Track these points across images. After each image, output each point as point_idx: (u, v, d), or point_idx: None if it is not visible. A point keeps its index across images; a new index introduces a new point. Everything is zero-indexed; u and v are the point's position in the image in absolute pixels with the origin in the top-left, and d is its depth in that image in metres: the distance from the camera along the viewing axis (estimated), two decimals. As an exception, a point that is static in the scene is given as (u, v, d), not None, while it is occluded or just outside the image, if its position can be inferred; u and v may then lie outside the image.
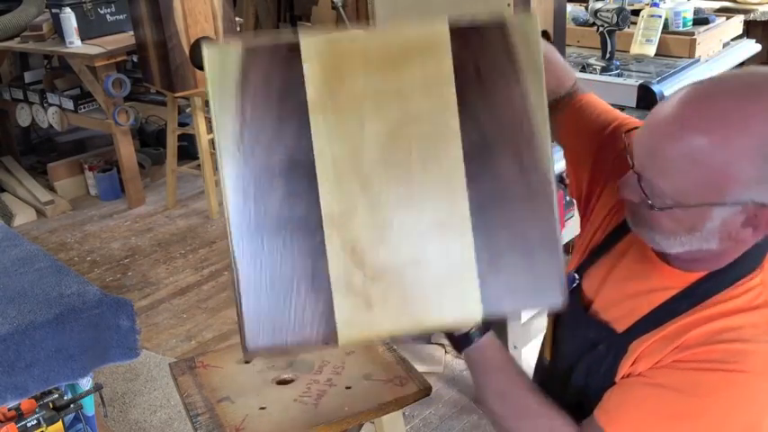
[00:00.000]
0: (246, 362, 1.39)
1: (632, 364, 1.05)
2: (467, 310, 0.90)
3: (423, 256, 0.89)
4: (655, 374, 1.01)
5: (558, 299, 0.93)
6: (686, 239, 0.97)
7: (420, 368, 2.67)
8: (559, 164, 2.14)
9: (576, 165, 1.29)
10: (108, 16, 4.03)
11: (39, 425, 1.65)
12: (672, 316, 1.02)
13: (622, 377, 1.06)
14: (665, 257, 1.06)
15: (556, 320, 1.25)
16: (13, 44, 4.12)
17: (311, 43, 0.88)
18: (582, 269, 1.20)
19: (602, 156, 1.21)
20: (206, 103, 3.81)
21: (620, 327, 1.08)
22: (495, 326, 1.08)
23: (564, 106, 1.28)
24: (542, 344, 1.30)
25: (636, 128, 1.02)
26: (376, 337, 0.92)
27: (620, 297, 1.11)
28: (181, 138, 4.16)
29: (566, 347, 1.20)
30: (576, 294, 1.19)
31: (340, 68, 0.88)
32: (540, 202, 0.92)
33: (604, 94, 2.62)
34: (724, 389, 0.96)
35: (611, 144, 1.19)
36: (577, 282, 1.19)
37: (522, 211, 0.91)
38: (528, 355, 2.31)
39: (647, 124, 0.97)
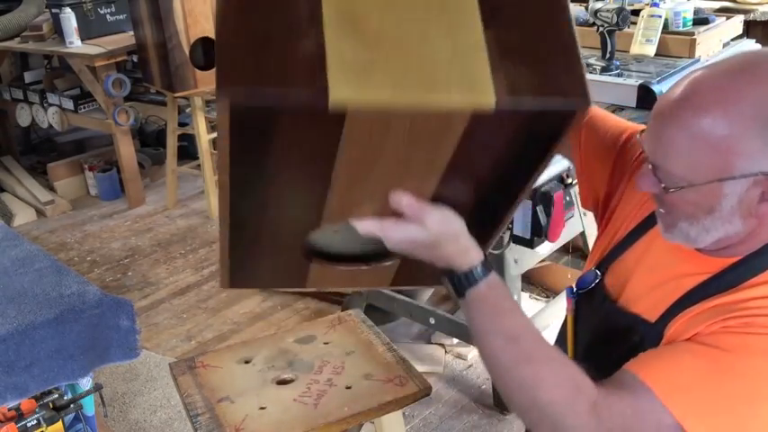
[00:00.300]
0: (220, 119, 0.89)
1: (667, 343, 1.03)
2: (477, 92, 0.77)
3: (428, 34, 0.78)
4: (700, 338, 0.97)
5: (583, 100, 0.80)
6: (709, 223, 0.98)
7: (420, 368, 2.67)
8: (559, 165, 2.14)
9: (591, 175, 1.29)
10: (108, 16, 4.03)
11: (39, 425, 1.65)
12: (706, 296, 1.01)
13: None
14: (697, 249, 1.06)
15: (576, 318, 1.22)
16: (13, 44, 4.12)
17: None
18: (603, 265, 1.20)
19: (620, 162, 1.23)
20: (206, 104, 3.83)
21: (653, 316, 1.06)
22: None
23: None
24: (557, 342, 1.28)
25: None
26: (373, 102, 0.75)
27: (650, 287, 1.10)
28: (181, 138, 4.16)
29: (592, 344, 1.17)
30: (599, 290, 1.18)
31: None
32: (555, 10, 0.84)
33: (604, 94, 2.62)
34: None
35: (629, 150, 1.22)
36: (599, 278, 1.18)
37: (534, 15, 0.83)
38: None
39: (653, 115, 0.99)
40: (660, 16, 2.68)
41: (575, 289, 1.24)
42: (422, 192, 0.92)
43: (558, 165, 2.16)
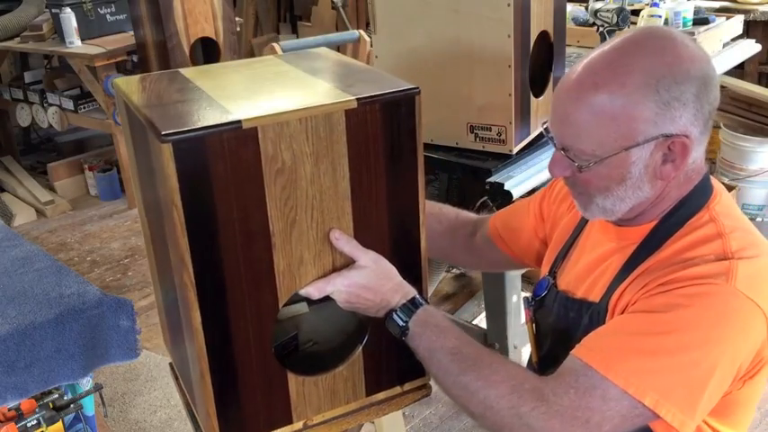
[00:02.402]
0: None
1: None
2: (341, 99, 1.03)
3: (290, 90, 1.12)
4: (629, 308, 1.03)
5: (415, 89, 1.05)
6: (622, 192, 1.04)
7: (420, 368, 2.67)
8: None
9: (526, 249, 1.40)
10: (108, 16, 4.03)
11: (39, 425, 1.66)
12: (634, 267, 1.07)
13: None
14: (617, 223, 1.13)
15: (537, 325, 1.27)
16: (13, 44, 4.12)
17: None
18: (553, 270, 1.25)
19: (539, 219, 1.36)
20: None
21: (595, 297, 1.12)
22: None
23: (483, 230, 1.45)
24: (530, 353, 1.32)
25: None
26: (273, 113, 0.98)
27: (588, 270, 1.16)
28: (181, 138, 4.16)
29: (550, 339, 1.22)
30: (552, 292, 1.23)
31: None
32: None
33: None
34: (699, 298, 0.97)
35: (543, 206, 1.36)
36: (552, 282, 1.24)
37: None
38: (527, 355, 2.30)
39: (555, 102, 1.06)
40: (660, 16, 2.68)
41: (530, 298, 1.28)
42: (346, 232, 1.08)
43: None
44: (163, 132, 0.91)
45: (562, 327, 1.17)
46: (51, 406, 1.70)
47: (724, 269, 0.99)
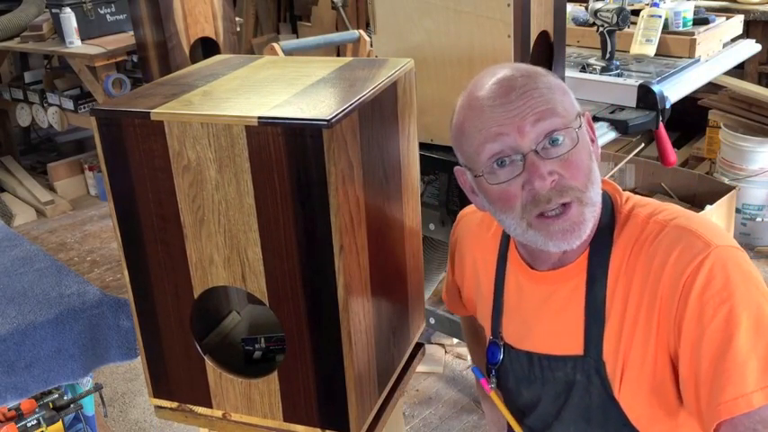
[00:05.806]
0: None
1: (623, 364, 1.01)
2: (246, 114, 1.02)
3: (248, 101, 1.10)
4: (701, 347, 0.93)
5: (325, 122, 0.96)
6: (596, 175, 1.01)
7: (420, 368, 2.67)
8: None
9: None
10: (108, 16, 4.03)
11: (39, 425, 1.66)
12: (601, 307, 1.03)
13: (625, 388, 1.03)
14: (548, 269, 1.09)
15: (506, 398, 1.19)
16: (13, 44, 4.12)
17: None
18: (496, 331, 1.18)
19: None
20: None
21: (577, 350, 1.06)
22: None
23: None
24: (508, 428, 1.22)
25: None
26: (177, 112, 1.04)
27: (552, 327, 1.09)
28: (181, 138, 4.16)
29: (539, 407, 1.14)
30: (512, 355, 1.15)
31: None
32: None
33: (604, 94, 2.62)
34: (714, 279, 0.93)
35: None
36: (503, 344, 1.17)
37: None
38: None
39: (499, 115, 0.99)
40: (660, 16, 2.68)
41: (487, 368, 1.20)
42: (252, 237, 1.04)
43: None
44: (94, 107, 1.06)
45: (551, 389, 1.10)
46: (51, 406, 1.70)
47: (692, 238, 0.96)
